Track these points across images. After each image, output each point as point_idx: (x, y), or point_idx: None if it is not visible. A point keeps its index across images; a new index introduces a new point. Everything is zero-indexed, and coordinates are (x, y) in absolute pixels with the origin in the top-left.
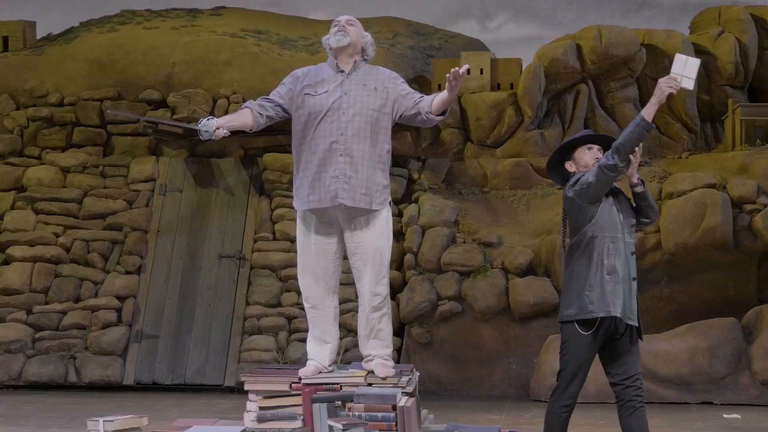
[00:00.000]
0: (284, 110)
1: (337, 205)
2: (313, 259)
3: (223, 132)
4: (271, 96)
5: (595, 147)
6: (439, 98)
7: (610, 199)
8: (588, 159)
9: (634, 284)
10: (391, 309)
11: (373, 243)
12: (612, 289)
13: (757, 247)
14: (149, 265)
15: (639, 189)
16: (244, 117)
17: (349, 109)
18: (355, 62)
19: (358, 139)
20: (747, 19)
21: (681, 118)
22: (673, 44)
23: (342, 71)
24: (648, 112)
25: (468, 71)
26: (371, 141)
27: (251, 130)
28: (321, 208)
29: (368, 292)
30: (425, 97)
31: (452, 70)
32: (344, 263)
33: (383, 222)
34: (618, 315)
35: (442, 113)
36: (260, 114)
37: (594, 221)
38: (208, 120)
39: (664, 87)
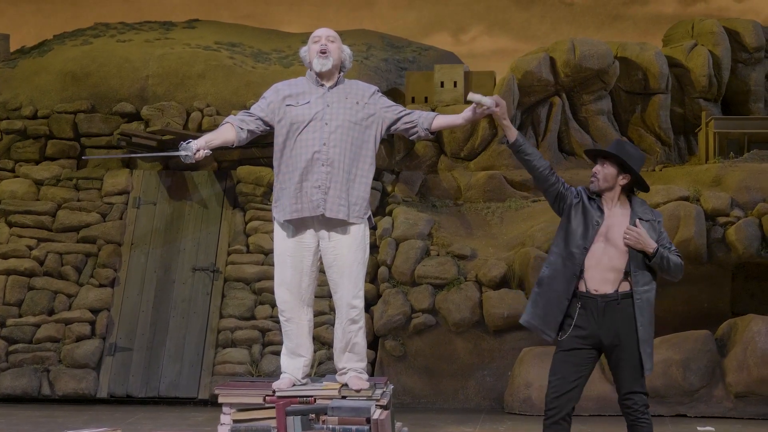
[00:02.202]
0: (265, 123)
1: (317, 216)
2: (288, 271)
3: (204, 153)
4: (252, 110)
5: (598, 161)
6: (445, 121)
7: (580, 215)
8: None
9: (566, 303)
10: (365, 322)
11: (350, 256)
12: (533, 298)
13: (731, 260)
14: (123, 277)
15: (647, 261)
16: (225, 133)
17: (331, 121)
18: (337, 80)
19: (340, 150)
20: (720, 32)
21: (654, 131)
22: (647, 57)
23: (323, 85)
24: (507, 134)
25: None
26: (352, 154)
27: (233, 146)
28: (301, 218)
29: (345, 304)
30: (421, 113)
31: (495, 108)
32: (320, 277)
33: (360, 235)
34: (521, 322)
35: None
36: (241, 129)
37: (554, 235)
38: (187, 143)
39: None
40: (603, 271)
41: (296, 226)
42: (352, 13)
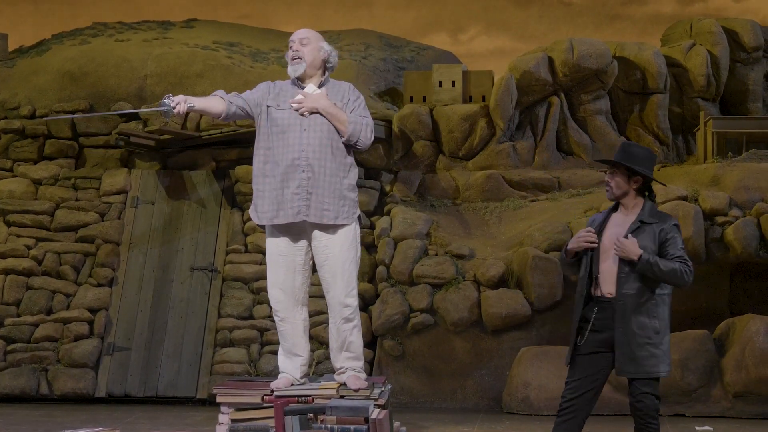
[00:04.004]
0: (248, 112)
1: (301, 221)
2: (281, 271)
3: (185, 106)
4: (243, 94)
5: (608, 172)
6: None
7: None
8: None
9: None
10: (360, 321)
11: (342, 254)
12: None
13: (729, 260)
14: (121, 277)
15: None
16: (213, 100)
17: (310, 126)
18: (320, 82)
19: (321, 154)
20: (718, 32)
21: (653, 131)
22: (645, 56)
23: (303, 88)
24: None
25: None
26: (333, 156)
27: (219, 117)
28: (286, 223)
29: (338, 303)
30: (355, 123)
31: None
32: (316, 276)
33: (351, 233)
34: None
35: (358, 141)
36: (231, 103)
37: None
38: (167, 98)
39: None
40: (615, 274)
41: (287, 226)
42: (350, 12)
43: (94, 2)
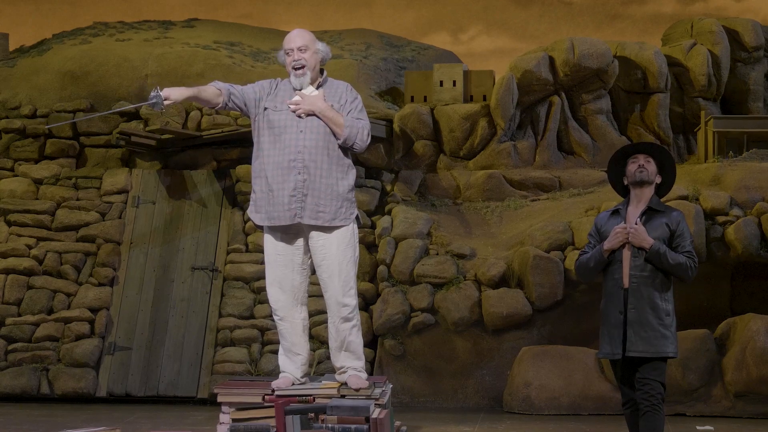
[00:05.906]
0: (243, 110)
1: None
2: (279, 270)
3: (171, 101)
4: (242, 89)
5: (640, 156)
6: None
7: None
8: (631, 169)
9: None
10: (360, 320)
11: (339, 254)
12: (601, 332)
13: (730, 259)
14: (122, 276)
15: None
16: (208, 91)
17: (307, 128)
18: (318, 84)
19: (317, 156)
20: (719, 31)
21: (654, 130)
22: (646, 56)
23: (302, 89)
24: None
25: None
26: (329, 158)
27: (214, 107)
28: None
29: (336, 303)
30: (351, 126)
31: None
32: (315, 276)
33: (349, 233)
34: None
35: (354, 144)
36: (231, 93)
37: None
38: (157, 91)
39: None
40: (629, 267)
41: (284, 226)
42: (351, 12)
43: (94, 2)
